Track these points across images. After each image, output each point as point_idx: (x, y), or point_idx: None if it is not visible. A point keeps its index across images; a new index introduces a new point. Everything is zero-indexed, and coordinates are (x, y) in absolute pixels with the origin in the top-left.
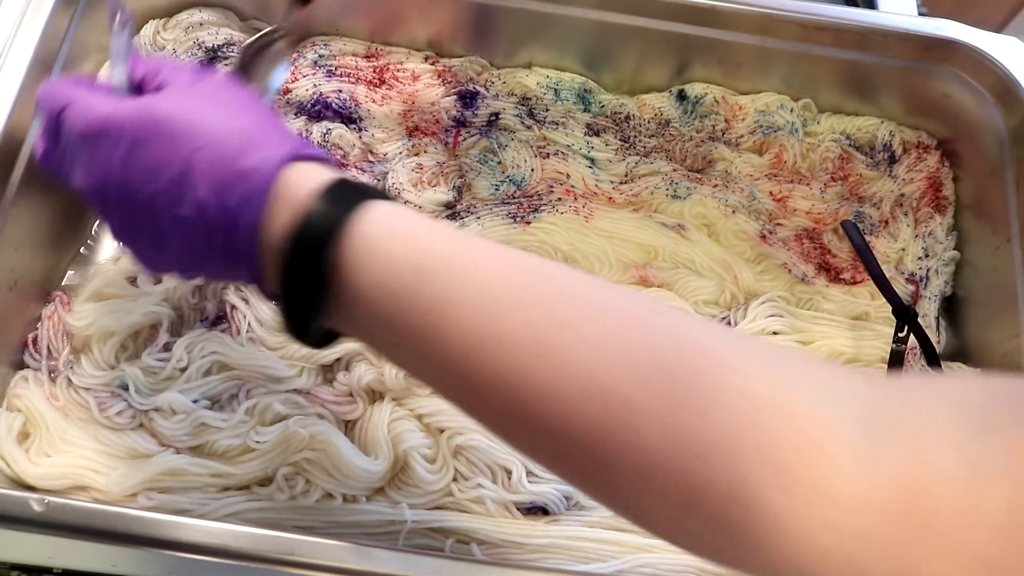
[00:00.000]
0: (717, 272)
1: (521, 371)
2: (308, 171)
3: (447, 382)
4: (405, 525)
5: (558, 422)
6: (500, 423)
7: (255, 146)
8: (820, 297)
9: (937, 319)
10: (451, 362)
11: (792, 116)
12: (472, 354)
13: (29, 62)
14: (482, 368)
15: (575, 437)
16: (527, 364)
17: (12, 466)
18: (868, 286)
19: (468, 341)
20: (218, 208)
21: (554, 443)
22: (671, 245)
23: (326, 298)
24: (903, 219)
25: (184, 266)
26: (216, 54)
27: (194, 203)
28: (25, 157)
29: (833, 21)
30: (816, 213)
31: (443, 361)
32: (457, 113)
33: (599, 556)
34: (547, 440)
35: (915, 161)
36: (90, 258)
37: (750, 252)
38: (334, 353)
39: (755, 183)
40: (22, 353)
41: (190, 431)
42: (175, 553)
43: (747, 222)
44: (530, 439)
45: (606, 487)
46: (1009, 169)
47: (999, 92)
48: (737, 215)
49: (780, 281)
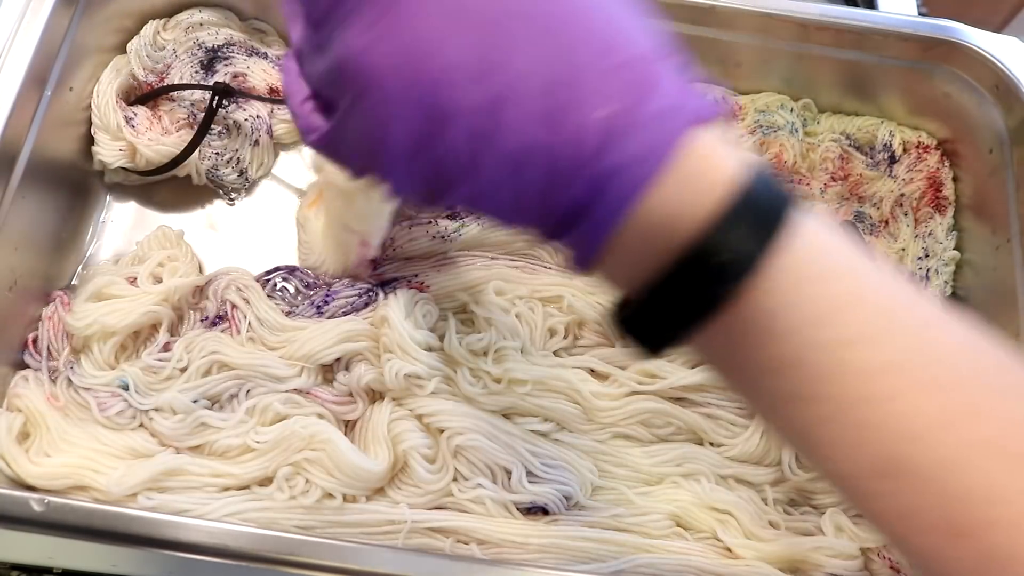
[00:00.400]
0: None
1: (983, 479)
2: (713, 150)
3: (852, 464)
4: (405, 525)
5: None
6: (909, 519)
7: (656, 85)
8: None
9: None
10: (867, 444)
11: (792, 116)
12: (907, 444)
13: (29, 62)
14: (913, 459)
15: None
16: (988, 469)
17: (12, 466)
18: None
19: (910, 426)
20: (587, 154)
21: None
22: None
23: (705, 321)
24: (903, 219)
25: (483, 206)
26: (216, 54)
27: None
28: (25, 157)
29: (833, 21)
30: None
31: (854, 439)
32: None
33: (599, 556)
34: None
35: (915, 161)
36: (90, 258)
37: None
38: (333, 353)
39: None
40: (22, 353)
41: (190, 431)
42: (175, 553)
43: None
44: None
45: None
46: (1009, 169)
47: (999, 92)
48: None
49: None
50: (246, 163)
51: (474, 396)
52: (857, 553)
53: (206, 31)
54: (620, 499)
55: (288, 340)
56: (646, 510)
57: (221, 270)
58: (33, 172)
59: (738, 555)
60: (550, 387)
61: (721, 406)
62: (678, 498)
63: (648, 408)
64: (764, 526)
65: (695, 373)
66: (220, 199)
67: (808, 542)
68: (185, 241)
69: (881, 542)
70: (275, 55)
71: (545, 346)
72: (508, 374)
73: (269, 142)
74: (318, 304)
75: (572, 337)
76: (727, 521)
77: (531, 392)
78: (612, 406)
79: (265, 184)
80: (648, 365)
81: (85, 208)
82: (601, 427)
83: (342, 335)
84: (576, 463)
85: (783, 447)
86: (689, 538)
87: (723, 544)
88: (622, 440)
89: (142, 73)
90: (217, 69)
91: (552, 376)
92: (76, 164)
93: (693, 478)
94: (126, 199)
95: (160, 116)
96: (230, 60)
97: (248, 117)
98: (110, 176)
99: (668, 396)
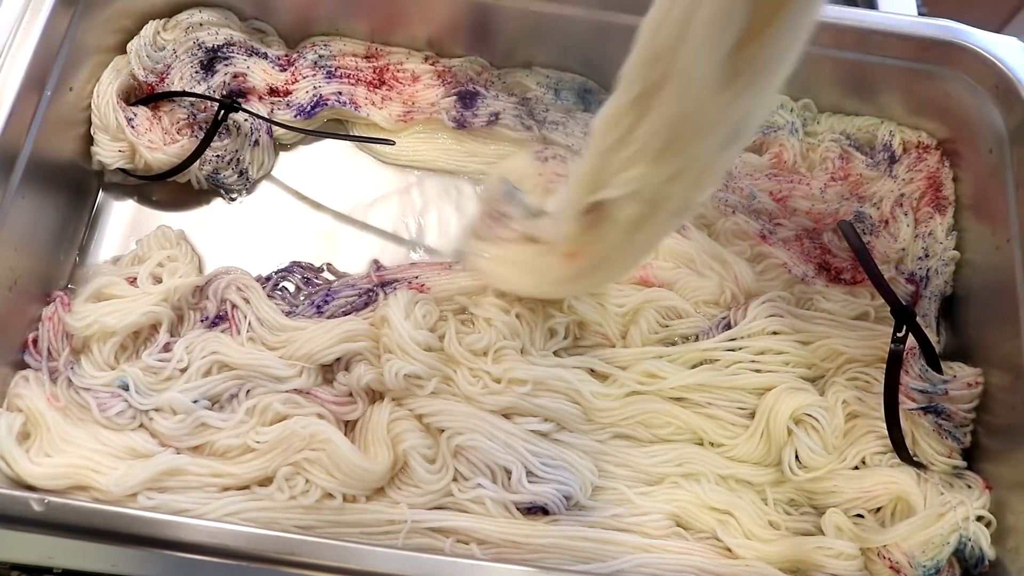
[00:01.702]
0: (717, 271)
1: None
2: None
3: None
4: (405, 525)
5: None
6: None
7: None
8: (820, 297)
9: (937, 319)
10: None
11: (792, 116)
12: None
13: (28, 62)
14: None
15: None
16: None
17: (12, 466)
18: (868, 286)
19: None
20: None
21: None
22: (671, 244)
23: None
24: (903, 219)
25: None
26: (216, 54)
27: None
28: (25, 157)
29: (833, 21)
30: (816, 213)
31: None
32: (457, 113)
33: (599, 556)
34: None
35: (915, 161)
36: (90, 258)
37: (749, 252)
38: (333, 353)
39: (755, 183)
40: (22, 353)
41: (190, 431)
42: (175, 553)
43: (747, 222)
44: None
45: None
46: (1009, 169)
47: (999, 92)
48: (737, 215)
49: (780, 281)
50: (246, 164)
51: (474, 396)
52: (857, 553)
53: (206, 31)
54: (620, 499)
55: (288, 340)
56: (646, 510)
57: (221, 270)
58: (33, 172)
59: (738, 555)
60: (550, 387)
61: (721, 406)
62: (678, 498)
63: (648, 408)
64: (764, 526)
65: (695, 373)
66: (220, 199)
67: (808, 542)
68: (185, 241)
69: (881, 542)
70: (275, 55)
71: (545, 346)
72: (508, 374)
73: (269, 142)
74: (318, 304)
75: (572, 337)
76: (727, 521)
77: (531, 392)
78: (612, 406)
79: (265, 184)
80: (648, 365)
81: (85, 208)
82: (601, 427)
83: (342, 335)
84: (576, 463)
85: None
86: (689, 538)
87: (723, 544)
88: (622, 440)
89: (142, 73)
90: (217, 69)
91: (552, 376)
92: (76, 164)
93: (693, 478)
94: (125, 199)
95: (160, 117)
96: (230, 60)
97: (248, 118)
98: (109, 176)
99: (668, 396)
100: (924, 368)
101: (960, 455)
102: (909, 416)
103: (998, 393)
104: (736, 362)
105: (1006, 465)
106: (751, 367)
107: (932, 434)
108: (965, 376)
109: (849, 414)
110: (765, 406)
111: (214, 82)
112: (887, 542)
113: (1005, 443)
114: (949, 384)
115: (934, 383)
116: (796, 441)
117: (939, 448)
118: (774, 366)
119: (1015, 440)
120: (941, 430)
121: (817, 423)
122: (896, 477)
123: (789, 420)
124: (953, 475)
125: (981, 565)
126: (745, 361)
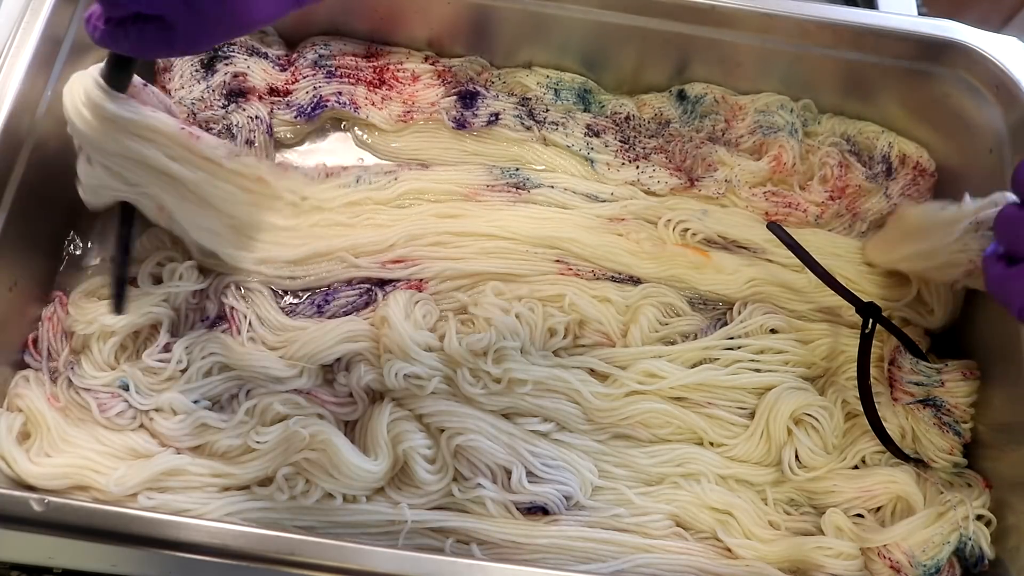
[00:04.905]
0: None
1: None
2: None
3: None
4: (405, 525)
5: None
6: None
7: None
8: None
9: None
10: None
11: (792, 116)
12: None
13: (29, 62)
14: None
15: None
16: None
17: (12, 466)
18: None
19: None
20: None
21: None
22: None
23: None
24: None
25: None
26: (216, 54)
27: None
28: (25, 157)
29: (833, 21)
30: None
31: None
32: (457, 113)
33: (599, 556)
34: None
35: (909, 184)
36: (89, 259)
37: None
38: (334, 353)
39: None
40: (22, 353)
41: (190, 431)
42: (175, 553)
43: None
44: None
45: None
46: (1009, 170)
47: (999, 92)
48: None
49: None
50: None
51: (474, 396)
52: (857, 553)
53: None
54: (620, 499)
55: (289, 340)
56: (646, 510)
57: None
58: (33, 172)
59: (738, 555)
60: (550, 387)
61: (721, 406)
62: (678, 498)
63: (648, 408)
64: (764, 526)
65: (695, 372)
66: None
67: (808, 542)
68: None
69: (881, 542)
70: (275, 55)
71: (545, 346)
72: (508, 374)
73: (267, 141)
74: (318, 304)
75: (572, 337)
76: (727, 521)
77: (531, 392)
78: (612, 406)
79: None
80: (648, 365)
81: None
82: (601, 427)
83: (343, 335)
84: (576, 463)
85: (783, 447)
86: (689, 538)
87: (723, 544)
88: (622, 440)
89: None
90: (217, 68)
91: (552, 376)
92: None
93: (693, 478)
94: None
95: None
96: (230, 59)
97: (248, 118)
98: None
99: (668, 396)
100: (915, 361)
101: (961, 452)
102: (909, 411)
103: (998, 391)
104: (736, 361)
105: (1006, 464)
106: (751, 366)
107: (933, 428)
108: (959, 366)
109: (848, 413)
110: (765, 406)
111: (214, 81)
112: (887, 542)
113: (1005, 442)
114: (944, 375)
115: (928, 375)
116: (796, 441)
117: (940, 443)
118: (774, 365)
119: (1015, 439)
120: (942, 423)
121: (817, 423)
122: (896, 476)
123: (789, 420)
124: (953, 474)
125: (981, 564)
126: (745, 360)
